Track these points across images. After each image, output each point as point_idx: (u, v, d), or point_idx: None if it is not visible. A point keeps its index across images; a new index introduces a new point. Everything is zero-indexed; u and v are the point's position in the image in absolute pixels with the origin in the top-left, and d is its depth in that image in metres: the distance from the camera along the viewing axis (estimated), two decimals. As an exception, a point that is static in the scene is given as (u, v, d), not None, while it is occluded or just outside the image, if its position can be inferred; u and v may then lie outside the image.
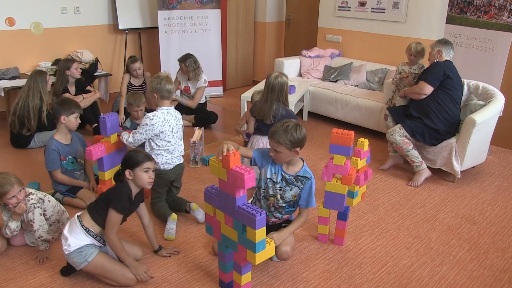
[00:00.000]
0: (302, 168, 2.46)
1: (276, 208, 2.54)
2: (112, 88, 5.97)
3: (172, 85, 2.98)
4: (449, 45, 3.68)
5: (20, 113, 4.12)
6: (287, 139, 2.30)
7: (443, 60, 3.67)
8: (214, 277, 2.51)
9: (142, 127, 2.91)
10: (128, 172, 2.39)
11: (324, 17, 6.02)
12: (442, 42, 3.71)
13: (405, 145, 3.70)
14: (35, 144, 4.31)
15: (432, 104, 3.65)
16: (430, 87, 3.63)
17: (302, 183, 2.45)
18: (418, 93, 3.70)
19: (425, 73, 3.75)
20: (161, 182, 3.04)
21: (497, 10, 4.07)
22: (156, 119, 2.89)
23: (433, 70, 3.66)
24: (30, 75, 4.23)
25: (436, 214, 3.28)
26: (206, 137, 4.68)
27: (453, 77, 3.63)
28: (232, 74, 6.94)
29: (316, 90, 5.31)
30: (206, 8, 6.11)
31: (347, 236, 2.94)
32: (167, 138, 2.97)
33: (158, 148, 2.96)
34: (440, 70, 3.62)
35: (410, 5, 5.06)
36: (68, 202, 3.21)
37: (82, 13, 5.69)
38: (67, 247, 2.31)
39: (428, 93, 3.65)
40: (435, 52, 3.69)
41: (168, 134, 2.96)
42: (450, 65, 3.67)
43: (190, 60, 4.83)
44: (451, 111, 3.65)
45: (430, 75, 3.66)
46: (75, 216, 2.42)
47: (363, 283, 2.50)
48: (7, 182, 2.47)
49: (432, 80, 3.63)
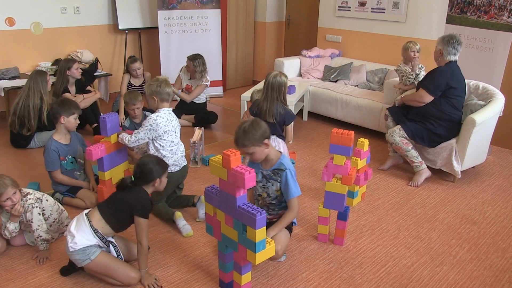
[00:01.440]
0: (277, 161, 2.45)
1: (268, 206, 2.56)
2: (112, 88, 5.97)
3: (171, 88, 3.02)
4: (452, 44, 3.47)
5: (20, 113, 4.12)
6: (251, 139, 2.30)
7: (445, 62, 3.53)
8: (214, 277, 2.51)
9: (145, 127, 2.92)
10: (158, 181, 2.47)
11: (324, 17, 6.02)
12: (444, 40, 3.51)
13: (404, 146, 3.70)
14: (35, 144, 4.31)
15: (433, 111, 3.59)
16: (430, 97, 3.54)
17: (279, 176, 2.44)
18: (417, 101, 3.63)
19: (427, 78, 3.62)
20: (168, 185, 3.05)
21: (497, 10, 4.07)
22: (160, 119, 2.92)
23: (435, 79, 3.52)
24: (30, 75, 4.23)
25: (436, 214, 3.28)
26: (206, 137, 4.68)
27: (457, 85, 3.50)
28: (232, 74, 6.94)
29: (316, 90, 5.31)
30: (206, 8, 6.11)
31: (347, 236, 2.94)
32: (171, 138, 3.00)
33: (163, 149, 2.97)
34: (443, 80, 3.48)
35: (410, 5, 5.06)
36: (68, 202, 3.21)
37: (82, 13, 5.69)
38: (73, 245, 2.31)
39: (428, 102, 3.57)
40: (437, 50, 3.56)
41: (171, 134, 3.00)
42: (455, 71, 3.52)
43: (199, 60, 4.84)
44: (453, 116, 3.60)
45: (431, 84, 3.53)
46: (83, 214, 2.41)
47: (363, 283, 2.50)
48: (0, 184, 2.45)
49: (434, 90, 3.51)
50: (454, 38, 3.48)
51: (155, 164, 2.46)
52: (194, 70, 4.85)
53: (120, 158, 3.19)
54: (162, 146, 2.98)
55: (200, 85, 4.92)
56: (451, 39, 3.48)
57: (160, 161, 2.53)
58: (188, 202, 3.15)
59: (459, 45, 3.49)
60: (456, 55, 3.53)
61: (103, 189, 3.11)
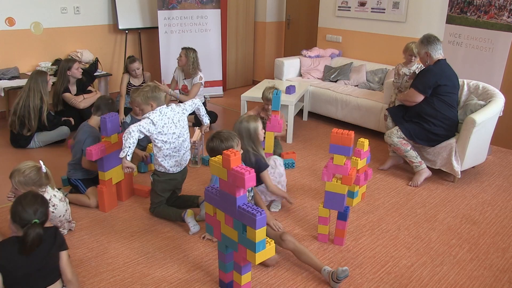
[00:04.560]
0: None
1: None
2: (112, 88, 5.97)
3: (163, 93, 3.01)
4: (433, 42, 3.52)
5: (21, 113, 4.13)
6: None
7: (434, 61, 3.57)
8: (214, 277, 2.51)
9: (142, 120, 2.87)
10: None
11: (324, 17, 6.02)
12: (425, 42, 3.55)
13: (403, 146, 3.70)
14: (35, 144, 4.31)
15: (428, 110, 3.61)
16: (420, 96, 3.59)
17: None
18: (408, 100, 3.68)
19: (417, 79, 3.68)
20: (167, 187, 3.04)
21: (497, 10, 4.07)
22: (153, 115, 2.86)
23: (424, 78, 3.57)
24: (30, 75, 4.23)
25: (436, 214, 3.28)
26: (206, 137, 4.68)
27: (447, 82, 3.54)
28: (232, 74, 6.94)
29: (316, 90, 5.31)
30: (206, 8, 6.11)
31: (347, 236, 2.94)
32: (171, 130, 2.91)
33: (165, 147, 2.89)
34: (431, 78, 3.52)
35: (410, 5, 5.06)
36: (72, 199, 3.21)
37: (82, 13, 5.69)
38: None
39: (420, 101, 3.61)
40: (423, 54, 3.59)
41: (170, 126, 2.90)
42: (444, 68, 3.56)
43: (193, 53, 4.79)
44: (448, 115, 3.62)
45: (420, 83, 3.59)
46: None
47: (363, 283, 2.50)
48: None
49: (423, 88, 3.56)
50: (431, 36, 3.57)
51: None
52: (186, 62, 4.79)
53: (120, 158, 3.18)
54: (164, 142, 2.88)
55: (195, 84, 4.86)
56: (430, 38, 3.55)
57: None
58: (192, 203, 3.13)
59: (438, 41, 3.57)
60: (441, 51, 3.58)
61: (103, 189, 3.11)
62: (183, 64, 4.84)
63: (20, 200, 2.03)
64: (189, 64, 4.78)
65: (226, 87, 6.77)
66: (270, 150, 3.81)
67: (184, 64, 4.82)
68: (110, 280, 2.48)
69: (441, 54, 3.59)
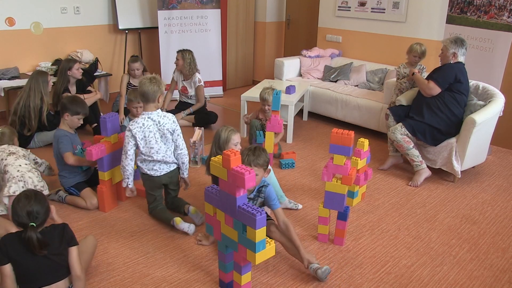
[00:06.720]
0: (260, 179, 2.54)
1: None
2: (112, 88, 5.97)
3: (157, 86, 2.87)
4: (463, 46, 3.60)
5: (21, 113, 4.13)
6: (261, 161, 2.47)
7: (456, 62, 3.62)
8: (214, 277, 2.51)
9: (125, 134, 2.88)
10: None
11: (324, 17, 6.02)
12: (458, 43, 3.60)
13: (405, 144, 3.70)
14: (35, 144, 4.31)
15: (437, 101, 3.64)
16: (438, 89, 3.62)
17: (263, 192, 2.55)
18: (425, 91, 3.69)
19: (436, 72, 3.70)
20: (153, 184, 3.02)
21: (497, 10, 4.07)
22: (134, 125, 2.83)
23: (445, 72, 3.62)
24: (31, 75, 4.23)
25: (436, 214, 3.28)
26: (206, 137, 4.68)
27: (463, 81, 3.61)
28: (232, 74, 6.94)
29: (316, 90, 5.31)
30: (206, 8, 6.11)
31: (347, 236, 2.94)
32: (150, 145, 2.87)
33: (142, 151, 2.88)
34: (452, 73, 3.58)
35: (410, 5, 5.06)
36: (70, 201, 3.22)
37: (82, 13, 5.69)
38: None
39: (435, 94, 3.63)
40: (450, 54, 3.61)
41: (150, 139, 2.85)
42: (463, 68, 3.63)
43: (189, 55, 4.83)
44: (454, 111, 3.64)
45: (441, 76, 3.62)
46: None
47: (363, 283, 2.50)
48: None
49: (443, 82, 3.60)
50: (464, 40, 3.65)
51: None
52: (183, 63, 4.82)
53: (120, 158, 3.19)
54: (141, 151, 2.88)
55: (198, 88, 4.92)
56: (463, 42, 3.62)
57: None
58: (179, 210, 3.08)
59: (466, 49, 3.64)
60: (465, 56, 3.66)
61: (103, 189, 3.11)
62: (180, 66, 4.88)
63: (14, 204, 2.02)
64: (186, 65, 4.82)
65: (226, 87, 6.77)
66: (270, 150, 3.81)
67: (181, 66, 4.86)
68: (110, 280, 2.48)
69: (463, 59, 3.64)
